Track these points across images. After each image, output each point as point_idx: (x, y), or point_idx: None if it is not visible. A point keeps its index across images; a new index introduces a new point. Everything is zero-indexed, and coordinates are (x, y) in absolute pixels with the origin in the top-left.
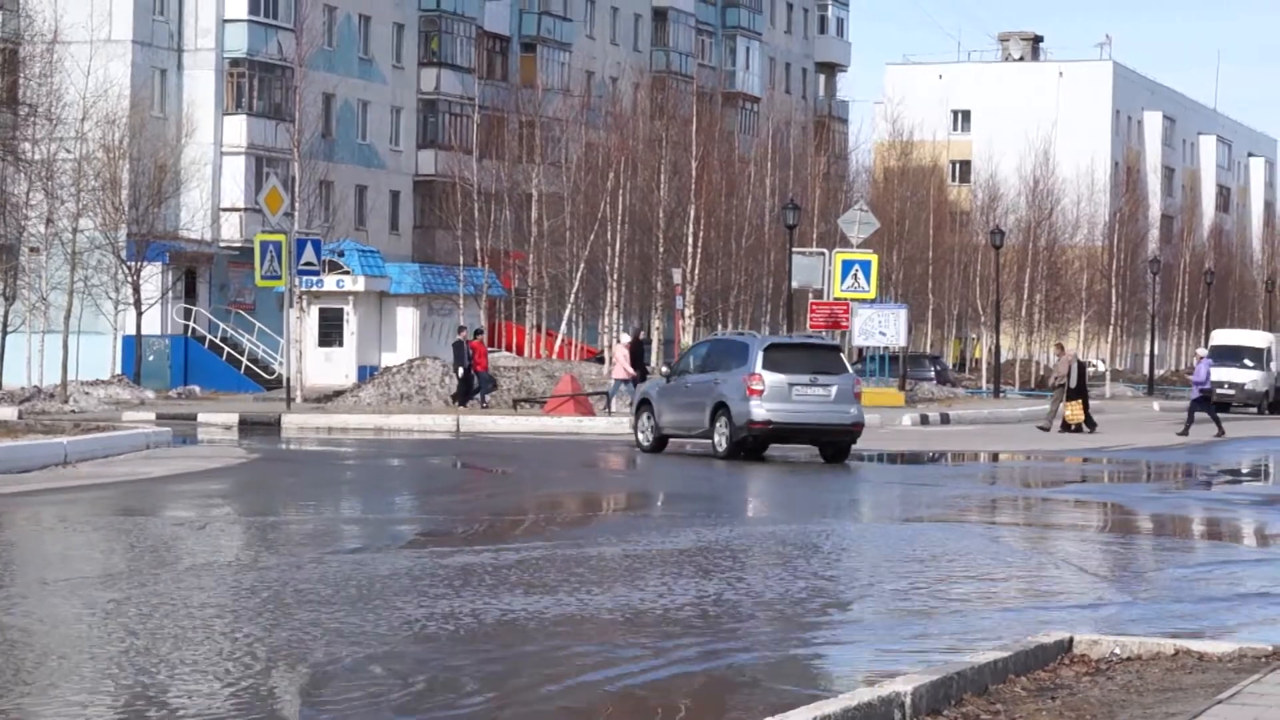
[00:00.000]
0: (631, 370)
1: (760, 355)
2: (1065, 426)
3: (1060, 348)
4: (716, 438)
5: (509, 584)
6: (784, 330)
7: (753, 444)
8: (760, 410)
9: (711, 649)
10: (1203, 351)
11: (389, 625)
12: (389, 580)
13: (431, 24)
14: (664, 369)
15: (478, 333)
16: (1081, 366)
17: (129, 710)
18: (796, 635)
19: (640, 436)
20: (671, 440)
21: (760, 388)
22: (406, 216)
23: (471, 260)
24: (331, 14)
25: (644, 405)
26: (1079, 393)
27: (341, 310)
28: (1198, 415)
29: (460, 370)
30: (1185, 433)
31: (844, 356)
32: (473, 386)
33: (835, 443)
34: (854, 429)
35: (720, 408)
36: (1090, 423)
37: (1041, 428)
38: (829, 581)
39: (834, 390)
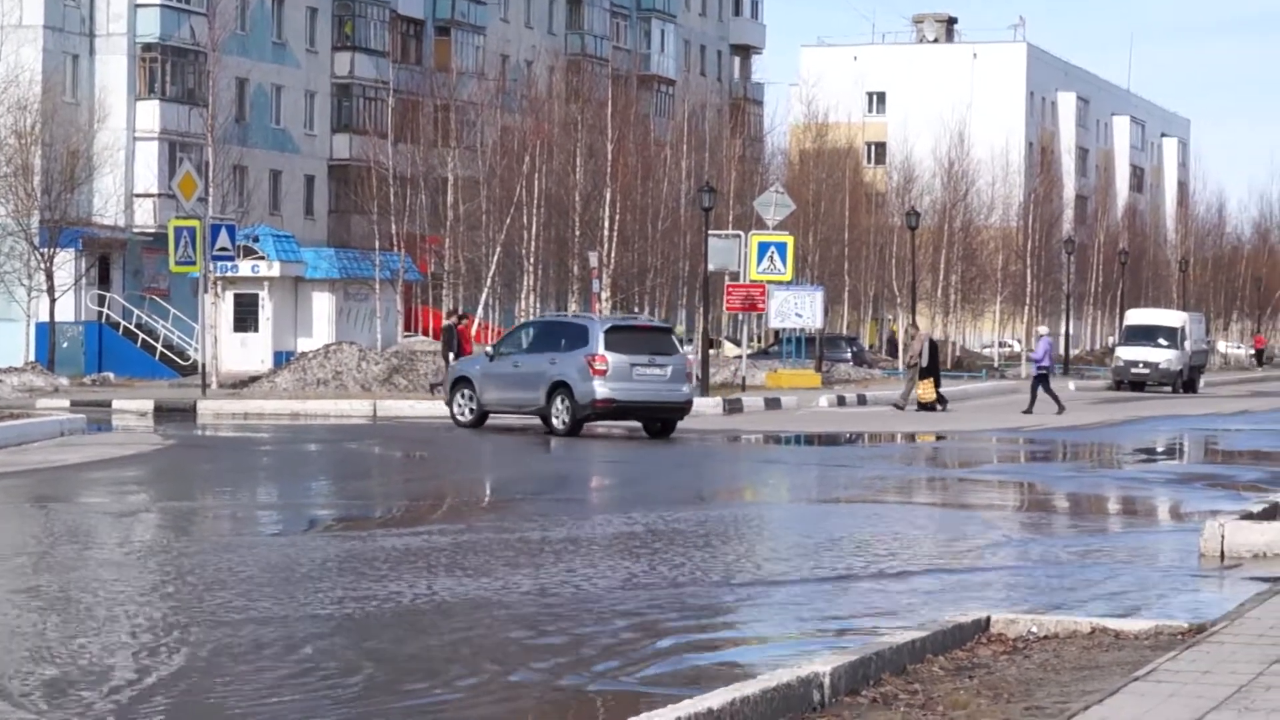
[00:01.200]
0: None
1: (602, 336)
2: (920, 405)
3: (915, 327)
4: (555, 415)
5: (428, 568)
6: (700, 314)
7: (592, 420)
8: (604, 388)
9: (635, 628)
10: (1043, 330)
11: (295, 608)
12: (300, 565)
13: (345, 8)
14: (488, 348)
15: (463, 317)
16: (934, 345)
17: (32, 688)
18: (718, 616)
19: (457, 413)
20: (491, 416)
21: (604, 368)
22: (321, 201)
23: (387, 245)
24: None
25: (462, 382)
26: (930, 371)
27: (257, 296)
28: (1046, 393)
29: (451, 356)
30: (1029, 410)
31: (675, 338)
32: None
33: (668, 419)
34: (686, 406)
35: (560, 386)
36: (941, 400)
37: (896, 406)
38: (749, 562)
39: (669, 370)
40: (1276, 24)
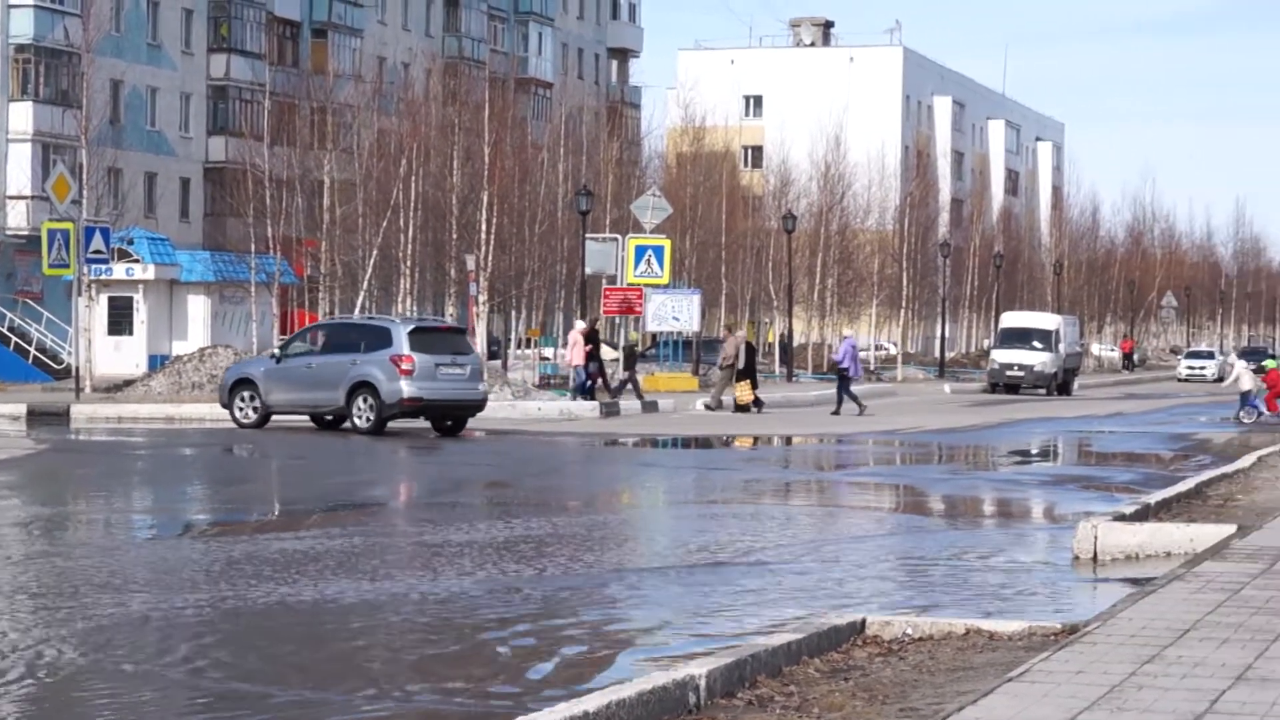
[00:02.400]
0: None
1: (406, 337)
2: (737, 407)
3: (729, 329)
4: (356, 414)
5: (301, 573)
6: (577, 315)
7: (398, 418)
8: (411, 388)
9: (512, 631)
10: (847, 332)
11: (166, 610)
12: (173, 568)
13: (221, 9)
14: (274, 350)
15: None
16: (750, 348)
17: None
18: (592, 620)
19: (239, 415)
20: (274, 417)
21: (410, 367)
22: (197, 204)
23: (263, 248)
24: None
25: (244, 384)
26: (747, 373)
27: (131, 299)
28: (846, 395)
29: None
30: (837, 412)
31: (470, 338)
32: None
33: (463, 417)
34: (482, 403)
35: (363, 386)
36: (758, 403)
37: (708, 406)
38: (626, 567)
39: (468, 369)
40: (1149, 30)
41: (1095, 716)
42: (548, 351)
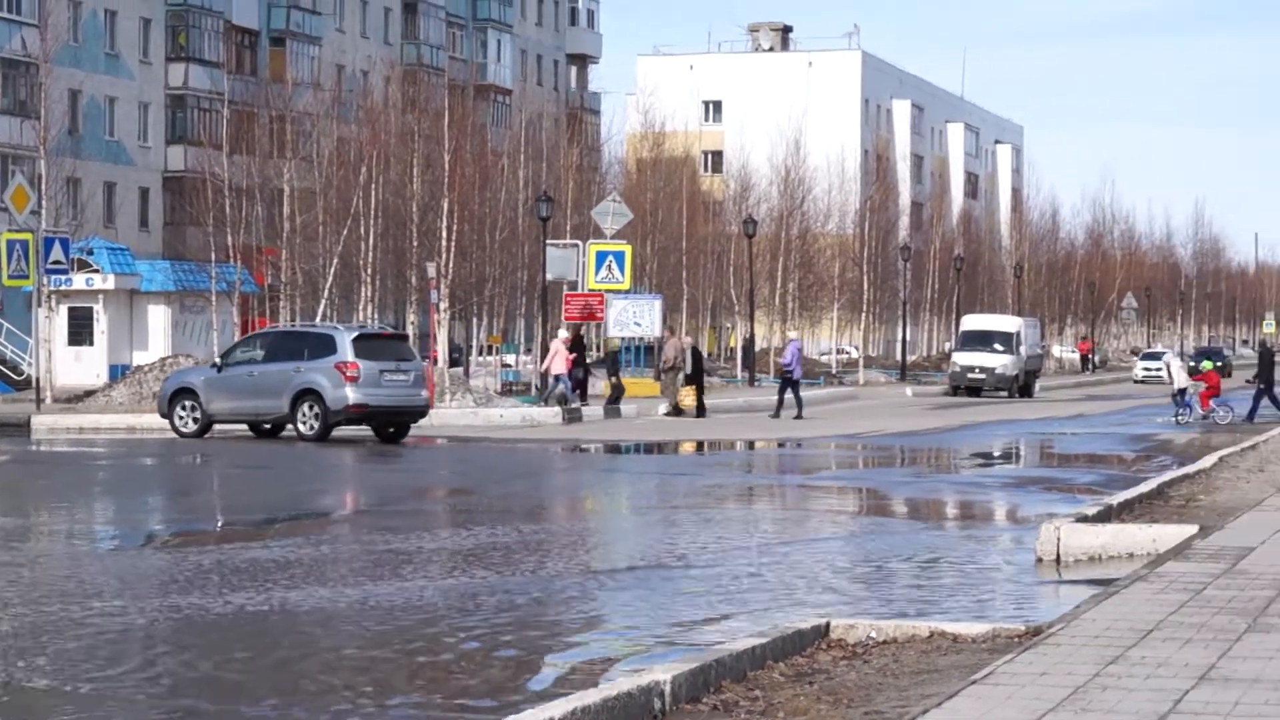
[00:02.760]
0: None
1: (351, 344)
2: (674, 410)
3: (670, 331)
4: (301, 421)
5: (288, 580)
6: (539, 323)
7: (343, 425)
8: (357, 394)
9: (476, 637)
10: (793, 335)
11: (125, 620)
12: (136, 577)
13: (179, 18)
14: (215, 360)
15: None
16: (697, 353)
17: None
18: (556, 625)
19: (180, 424)
20: (215, 426)
21: (356, 374)
22: (156, 213)
23: (223, 257)
24: (77, 9)
25: (184, 394)
26: (695, 378)
27: (91, 309)
28: (793, 397)
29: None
30: (776, 415)
31: (412, 345)
32: None
33: (406, 423)
34: (425, 409)
35: (308, 394)
36: (701, 409)
37: (668, 414)
38: (589, 572)
39: (412, 375)
40: (1107, 32)
41: (1060, 718)
42: (510, 358)
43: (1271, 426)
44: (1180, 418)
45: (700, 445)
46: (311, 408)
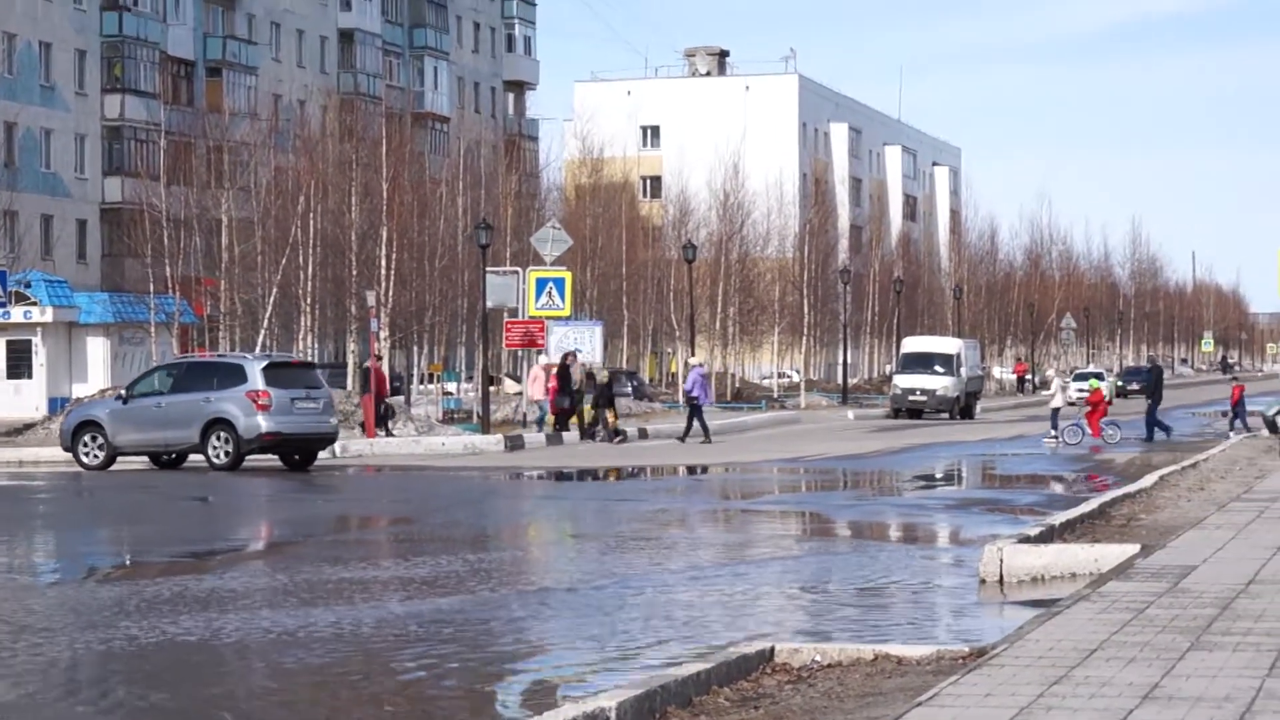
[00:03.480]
0: (552, 391)
1: (261, 373)
2: (611, 435)
3: (573, 356)
4: (213, 452)
5: (229, 610)
6: (480, 351)
7: (256, 453)
8: (270, 422)
9: (421, 665)
10: (694, 361)
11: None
12: (79, 610)
13: (114, 50)
14: (120, 392)
15: (378, 358)
16: (597, 375)
17: None
18: (501, 653)
19: (85, 457)
20: (120, 459)
21: (268, 402)
22: (94, 245)
23: (162, 288)
24: (11, 41)
25: (89, 426)
26: (608, 402)
27: (30, 341)
28: (695, 423)
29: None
30: (683, 439)
31: (319, 373)
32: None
33: (315, 450)
34: (334, 436)
35: (219, 423)
36: (591, 432)
37: (610, 438)
38: (530, 599)
39: (321, 403)
40: (1042, 55)
41: None
42: (451, 386)
43: (1209, 443)
44: (1050, 441)
45: (642, 470)
46: (223, 437)
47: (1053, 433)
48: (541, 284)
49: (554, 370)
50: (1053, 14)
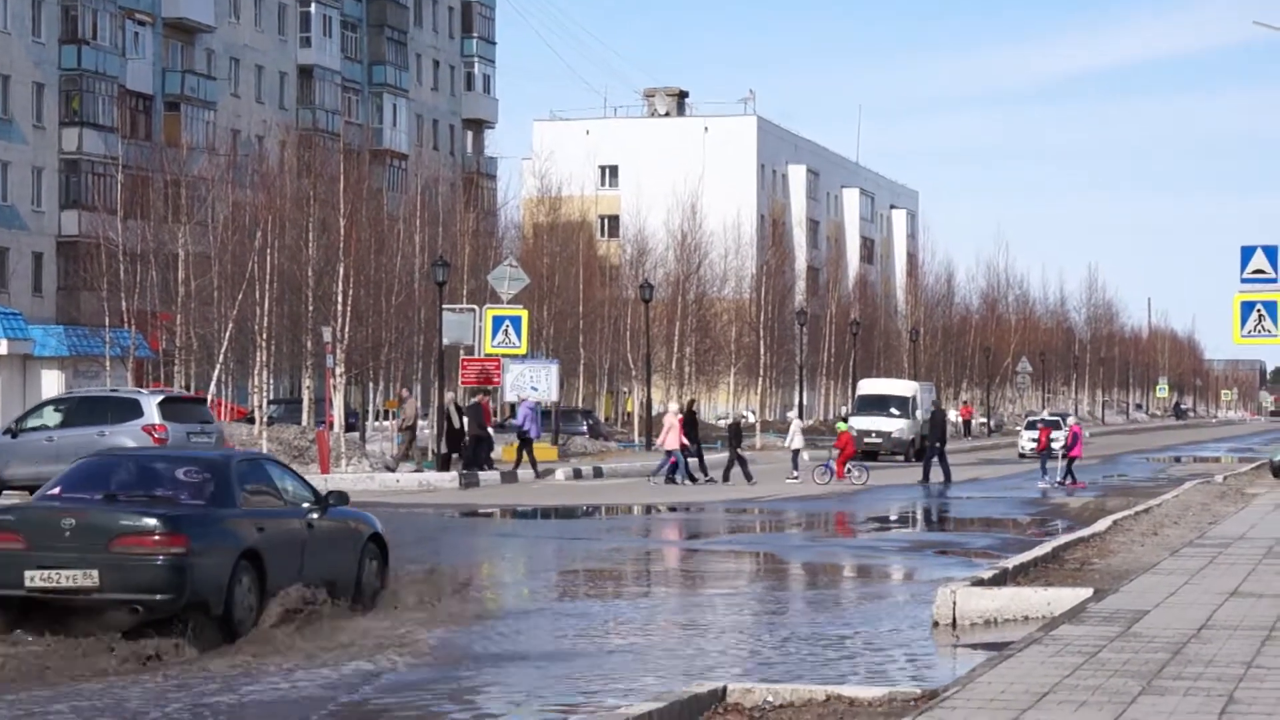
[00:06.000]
0: (685, 440)
1: (156, 408)
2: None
3: (407, 391)
4: None
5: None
6: (436, 388)
7: None
8: None
9: (378, 708)
10: (524, 397)
11: None
12: None
13: (73, 83)
14: (10, 425)
15: (486, 393)
16: (460, 410)
17: None
18: (457, 691)
19: None
20: (7, 490)
21: (165, 436)
22: (50, 278)
23: (118, 322)
24: None
25: None
26: (460, 435)
27: None
28: (526, 456)
29: (479, 432)
30: (512, 473)
31: (209, 409)
32: (485, 452)
33: None
34: None
35: None
36: (529, 466)
37: (388, 468)
38: (484, 638)
39: (214, 438)
40: (1002, 100)
41: None
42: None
43: (1163, 488)
44: (791, 481)
45: (597, 509)
46: None
47: (795, 473)
48: (498, 322)
49: (681, 418)
50: (1012, 60)
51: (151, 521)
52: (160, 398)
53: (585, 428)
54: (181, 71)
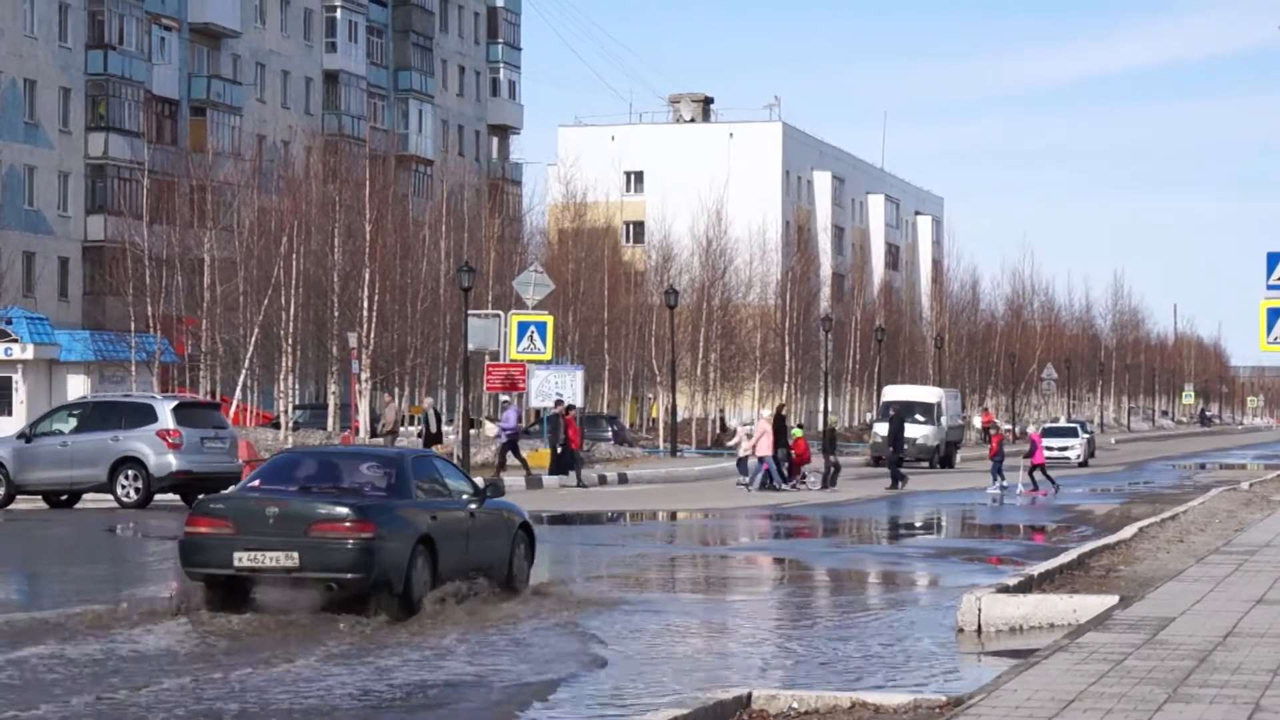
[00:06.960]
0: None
1: (170, 413)
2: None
3: (390, 396)
4: (121, 490)
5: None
6: (462, 393)
7: (166, 492)
8: (181, 461)
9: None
10: (508, 399)
11: None
12: None
13: (99, 88)
14: (24, 430)
15: (570, 408)
16: (439, 416)
17: None
18: (487, 693)
19: None
20: (20, 495)
21: (179, 441)
22: (76, 283)
23: (143, 326)
24: None
25: None
26: (438, 439)
27: (10, 379)
28: (515, 458)
29: (559, 446)
30: (496, 474)
31: (223, 414)
32: (568, 462)
33: (220, 489)
34: (239, 475)
35: (128, 461)
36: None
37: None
38: (513, 645)
39: (228, 442)
40: (1026, 104)
41: None
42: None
43: (1189, 495)
44: (740, 486)
45: (621, 515)
46: (132, 475)
47: (743, 478)
48: (523, 328)
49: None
50: (1037, 64)
51: (344, 510)
52: (174, 403)
53: (610, 434)
54: (207, 76)
